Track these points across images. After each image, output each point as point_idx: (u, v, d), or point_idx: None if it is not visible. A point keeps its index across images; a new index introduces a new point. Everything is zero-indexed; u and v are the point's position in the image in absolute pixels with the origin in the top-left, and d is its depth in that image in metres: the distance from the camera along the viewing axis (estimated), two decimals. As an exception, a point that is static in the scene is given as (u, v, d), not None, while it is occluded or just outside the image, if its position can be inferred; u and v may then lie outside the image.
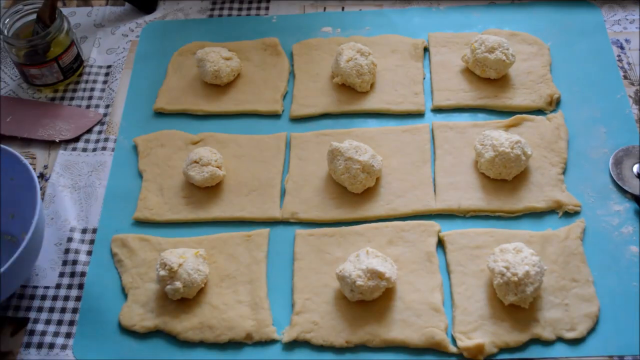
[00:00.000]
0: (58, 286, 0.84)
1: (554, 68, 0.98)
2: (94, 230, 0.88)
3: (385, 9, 1.10)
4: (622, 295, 0.78)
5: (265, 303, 0.79)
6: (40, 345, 0.79)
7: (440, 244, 0.83)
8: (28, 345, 0.79)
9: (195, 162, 0.87)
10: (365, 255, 0.77)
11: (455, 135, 0.92)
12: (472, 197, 0.86)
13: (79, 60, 1.04)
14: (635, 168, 0.87)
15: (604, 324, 0.76)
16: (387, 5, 1.10)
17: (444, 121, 0.94)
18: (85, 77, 1.06)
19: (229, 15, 1.12)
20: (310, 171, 0.90)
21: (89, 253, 0.86)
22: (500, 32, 1.02)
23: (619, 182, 0.86)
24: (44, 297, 0.83)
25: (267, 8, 1.12)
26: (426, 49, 1.03)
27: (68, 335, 0.80)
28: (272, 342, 0.77)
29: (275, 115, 0.98)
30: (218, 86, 1.00)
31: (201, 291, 0.80)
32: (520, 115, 0.92)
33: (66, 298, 0.83)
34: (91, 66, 1.07)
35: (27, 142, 0.99)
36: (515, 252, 0.76)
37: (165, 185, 0.91)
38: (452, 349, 0.75)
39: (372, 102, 0.97)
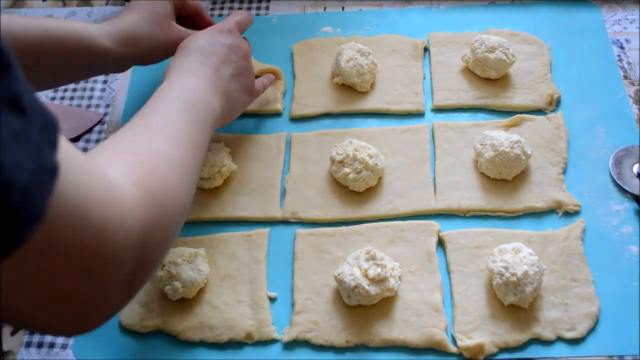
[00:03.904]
0: (58, 286, 0.84)
1: (554, 68, 0.99)
2: (94, 230, 0.88)
3: (385, 9, 1.10)
4: (622, 295, 0.78)
5: (265, 303, 0.79)
6: (40, 345, 0.79)
7: (441, 243, 0.83)
8: (28, 345, 0.79)
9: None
10: (364, 259, 0.76)
11: (455, 135, 0.92)
12: (472, 196, 0.86)
13: (79, 60, 1.04)
14: (635, 168, 0.87)
15: (604, 324, 0.76)
16: (387, 5, 1.10)
17: (444, 121, 0.94)
18: (85, 77, 1.06)
19: (229, 15, 1.12)
20: (311, 171, 0.90)
21: (89, 253, 0.86)
22: (501, 32, 1.02)
23: (619, 182, 0.86)
24: (44, 297, 0.83)
25: (267, 8, 1.12)
26: (426, 49, 1.03)
27: (68, 335, 0.80)
28: (272, 341, 0.77)
29: (275, 115, 0.98)
30: (218, 86, 1.00)
31: (201, 291, 0.81)
32: (520, 115, 0.92)
33: (66, 298, 0.83)
34: (91, 66, 1.07)
35: (28, 141, 0.99)
36: (514, 252, 0.76)
37: (166, 185, 0.91)
38: (452, 348, 0.75)
39: (372, 102, 0.97)
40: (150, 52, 0.85)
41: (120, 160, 0.56)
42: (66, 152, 0.43)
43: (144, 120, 0.67)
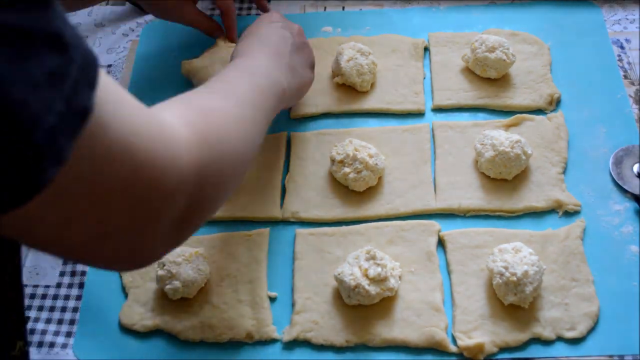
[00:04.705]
0: (59, 285, 0.84)
1: (554, 68, 0.98)
2: (95, 230, 0.88)
3: (385, 9, 1.10)
4: (622, 295, 0.78)
5: (266, 302, 0.79)
6: (40, 344, 0.79)
7: (441, 243, 0.83)
8: (28, 344, 0.79)
9: None
10: (364, 259, 0.76)
11: (455, 135, 0.92)
12: (473, 196, 0.86)
13: (79, 60, 1.04)
14: (635, 168, 0.87)
15: (604, 324, 0.76)
16: (388, 5, 1.11)
17: (445, 121, 0.94)
18: (85, 77, 1.06)
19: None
20: (311, 170, 0.90)
21: (90, 252, 0.86)
22: (501, 31, 1.02)
23: (619, 182, 0.86)
24: (44, 296, 0.83)
25: (267, 8, 1.12)
26: (426, 49, 1.03)
27: (68, 335, 0.80)
28: (272, 341, 0.78)
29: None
30: (218, 86, 1.00)
31: (201, 290, 0.81)
32: (520, 115, 0.92)
33: (67, 297, 0.83)
34: (91, 66, 1.07)
35: (28, 141, 0.99)
36: (514, 251, 0.76)
37: (166, 184, 0.91)
38: (453, 348, 0.75)
39: (372, 102, 0.97)
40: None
41: (174, 107, 0.56)
42: (117, 92, 0.44)
43: (206, 85, 0.69)
